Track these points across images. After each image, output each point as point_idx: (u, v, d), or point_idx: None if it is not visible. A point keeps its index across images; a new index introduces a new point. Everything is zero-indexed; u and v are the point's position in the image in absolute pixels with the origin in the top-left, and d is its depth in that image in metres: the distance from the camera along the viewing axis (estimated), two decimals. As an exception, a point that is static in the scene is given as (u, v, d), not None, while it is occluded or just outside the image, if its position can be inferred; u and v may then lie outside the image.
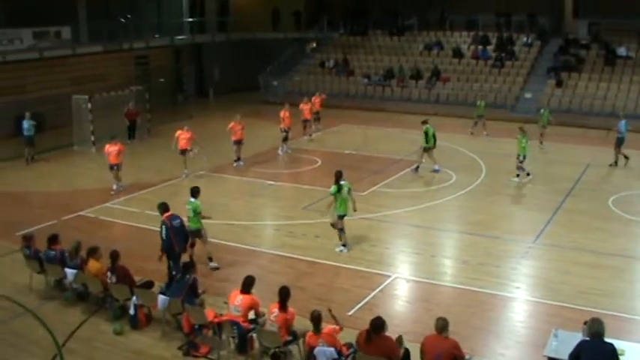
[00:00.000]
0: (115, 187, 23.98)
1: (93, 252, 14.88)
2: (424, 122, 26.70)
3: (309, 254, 17.83)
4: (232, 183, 25.46)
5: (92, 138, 30.59)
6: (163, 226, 15.45)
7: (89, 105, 30.51)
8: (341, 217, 18.00)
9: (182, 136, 25.81)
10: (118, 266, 14.38)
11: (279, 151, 29.71)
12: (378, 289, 15.70)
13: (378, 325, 10.97)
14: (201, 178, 25.31)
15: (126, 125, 32.42)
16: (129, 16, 43.70)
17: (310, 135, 32.59)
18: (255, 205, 22.76)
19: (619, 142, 26.78)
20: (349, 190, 17.97)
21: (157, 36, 44.57)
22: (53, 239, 15.79)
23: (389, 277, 16.43)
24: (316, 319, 11.40)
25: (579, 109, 36.73)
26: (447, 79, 41.81)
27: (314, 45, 51.39)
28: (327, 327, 11.49)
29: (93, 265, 14.69)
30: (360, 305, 14.79)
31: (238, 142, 27.32)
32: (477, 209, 21.93)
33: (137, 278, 14.91)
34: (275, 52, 47.50)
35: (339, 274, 16.64)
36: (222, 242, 18.75)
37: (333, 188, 17.83)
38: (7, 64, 34.27)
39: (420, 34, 47.83)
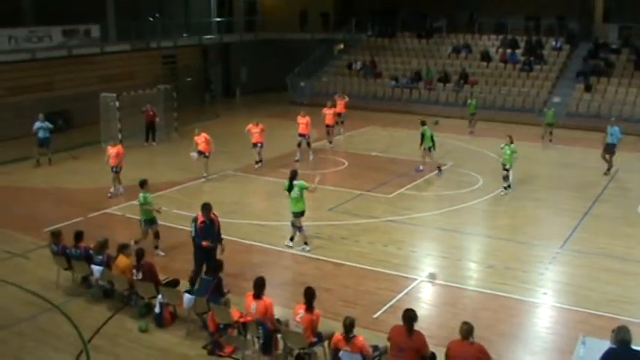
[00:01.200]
0: (112, 190, 23.71)
1: (124, 248, 15.04)
2: (423, 123, 26.82)
3: (335, 256, 17.81)
4: (259, 183, 25.51)
5: (119, 136, 30.69)
6: (193, 224, 15.48)
7: (117, 103, 30.68)
8: (296, 215, 18.16)
9: (199, 140, 25.39)
10: (144, 264, 14.46)
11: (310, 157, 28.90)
12: (403, 292, 15.64)
13: (412, 316, 11.03)
14: (228, 178, 25.40)
15: (144, 126, 32.27)
16: (157, 15, 44.04)
17: (330, 142, 31.51)
18: (282, 206, 22.67)
19: (610, 148, 26.49)
20: (301, 189, 18.06)
21: (184, 35, 44.81)
22: (78, 237, 15.91)
23: (415, 280, 16.38)
24: (349, 326, 11.29)
25: (608, 114, 36.26)
26: (475, 83, 41.57)
27: (341, 46, 51.32)
28: (358, 336, 11.40)
29: (122, 260, 14.80)
30: (385, 308, 14.75)
31: (256, 145, 26.93)
32: (504, 213, 21.83)
33: (163, 276, 14.99)
34: (302, 53, 47.51)
35: (365, 276, 16.61)
36: (249, 242, 18.82)
37: (286, 184, 18.27)
38: (36, 61, 34.66)
39: (448, 37, 47.63)
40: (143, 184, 18.28)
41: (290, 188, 18.11)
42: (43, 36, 35.20)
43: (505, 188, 23.91)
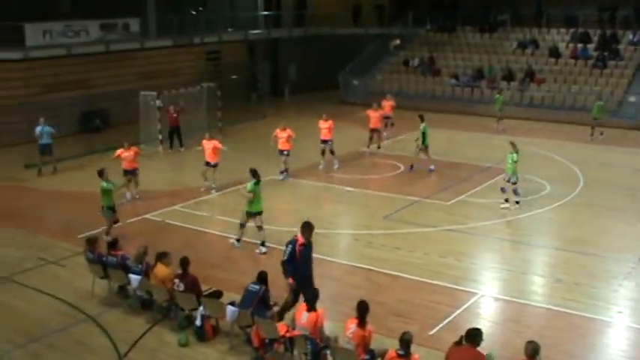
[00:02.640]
0: (128, 196, 23.85)
1: (163, 256, 15.12)
2: (422, 119, 27.19)
3: (388, 267, 17.76)
4: (308, 188, 25.57)
5: (159, 137, 31.12)
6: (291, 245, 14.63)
7: (157, 102, 31.03)
8: (253, 215, 18.87)
9: (207, 147, 24.82)
10: (187, 275, 14.54)
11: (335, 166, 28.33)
12: (462, 308, 15.53)
13: (472, 334, 10.98)
14: (274, 183, 25.51)
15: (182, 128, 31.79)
16: (200, 8, 44.45)
17: (378, 147, 31.17)
18: (332, 213, 22.82)
19: None
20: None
21: (230, 30, 45.15)
22: (114, 244, 16.11)
23: (475, 294, 16.25)
24: (405, 343, 11.22)
25: (691, 116, 35.72)
26: (542, 81, 41.09)
27: (398, 42, 51.17)
28: (414, 354, 11.33)
29: (161, 270, 14.89)
30: (442, 324, 14.65)
31: (282, 152, 26.39)
32: (574, 223, 21.51)
33: (204, 287, 15.07)
34: (355, 49, 47.53)
35: (421, 289, 16.53)
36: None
37: (252, 185, 18.84)
38: (72, 57, 35.23)
39: (513, 31, 47.17)
40: (101, 173, 20.14)
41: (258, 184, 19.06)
42: (80, 30, 35.83)
43: (517, 203, 22.73)
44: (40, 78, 34.46)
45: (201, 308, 14.06)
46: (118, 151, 24.16)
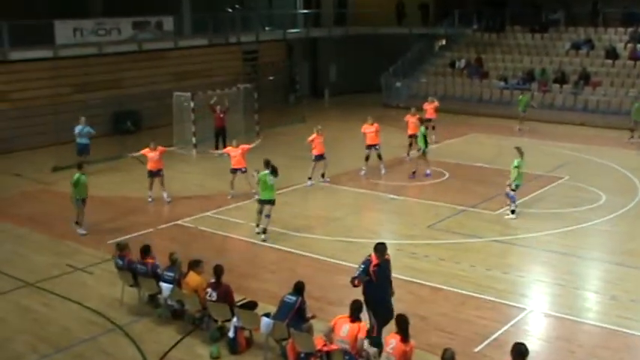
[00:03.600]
0: (150, 196, 24.74)
1: (195, 264, 15.17)
2: (422, 121, 27.78)
3: (432, 279, 17.66)
4: (350, 195, 25.56)
5: (193, 140, 31.32)
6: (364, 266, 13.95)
7: (192, 103, 31.24)
8: (262, 203, 20.53)
9: (232, 153, 25.12)
10: (221, 283, 14.57)
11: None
12: (509, 324, 15.36)
13: (523, 351, 10.84)
14: (313, 188, 25.55)
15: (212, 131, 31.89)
16: (237, 6, 44.68)
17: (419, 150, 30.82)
18: (374, 221, 22.78)
19: None
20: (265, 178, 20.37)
21: (267, 29, 45.41)
22: (146, 251, 16.19)
23: (523, 310, 16.07)
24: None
25: None
26: (598, 84, 40.68)
27: (443, 42, 51.12)
28: None
29: (193, 278, 14.94)
30: (488, 341, 14.50)
31: (319, 157, 26.40)
32: (632, 236, 21.18)
33: (238, 297, 15.10)
34: (399, 49, 47.52)
35: (465, 303, 16.41)
36: (334, 261, 18.82)
37: (262, 174, 20.55)
38: (103, 56, 35.69)
39: (566, 31, 46.78)
40: (80, 166, 21.87)
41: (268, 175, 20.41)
42: (112, 28, 36.24)
43: (512, 212, 22.66)
44: (70, 77, 34.90)
45: (234, 319, 14.06)
46: (144, 150, 24.78)
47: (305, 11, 48.74)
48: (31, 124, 32.84)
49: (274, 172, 20.48)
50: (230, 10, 43.82)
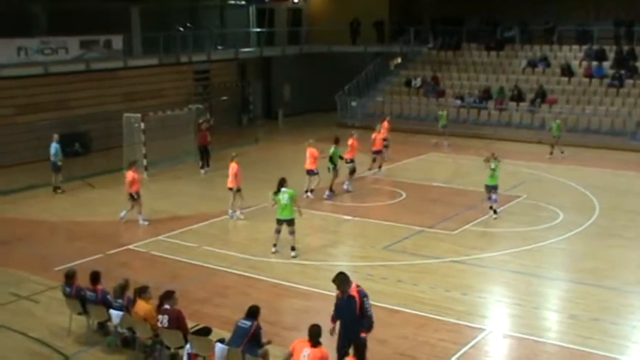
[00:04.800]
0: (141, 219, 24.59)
1: (142, 291, 14.98)
2: (337, 142, 28.23)
3: (390, 301, 17.65)
4: (305, 217, 25.38)
5: (144, 162, 31.07)
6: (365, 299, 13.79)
7: (142, 124, 31.02)
8: (279, 222, 20.90)
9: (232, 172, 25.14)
10: (171, 309, 14.43)
11: (345, 186, 28.87)
12: (469, 345, 15.43)
13: None
14: (266, 211, 25.47)
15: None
16: (188, 25, 44.55)
17: (380, 169, 31.80)
18: (330, 243, 22.76)
19: None
20: (291, 197, 20.75)
21: (219, 48, 45.33)
22: (95, 277, 15.96)
23: (483, 330, 16.15)
24: None
25: None
26: (554, 101, 41.22)
27: (399, 60, 51.44)
28: None
29: (141, 306, 14.78)
30: (448, 363, 14.56)
31: (311, 172, 27.33)
32: (590, 254, 21.44)
33: (192, 323, 14.96)
34: (354, 68, 47.74)
35: (424, 325, 16.44)
36: (292, 285, 18.78)
37: (272, 195, 21.06)
38: (50, 76, 35.27)
39: (522, 49, 47.37)
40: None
41: (277, 194, 20.76)
42: (58, 47, 35.90)
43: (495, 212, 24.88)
44: (14, 99, 34.46)
45: (187, 346, 13.93)
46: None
47: (258, 30, 48.76)
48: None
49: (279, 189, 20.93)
50: (181, 29, 43.68)
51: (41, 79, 35.11)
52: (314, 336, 12.44)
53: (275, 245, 21.14)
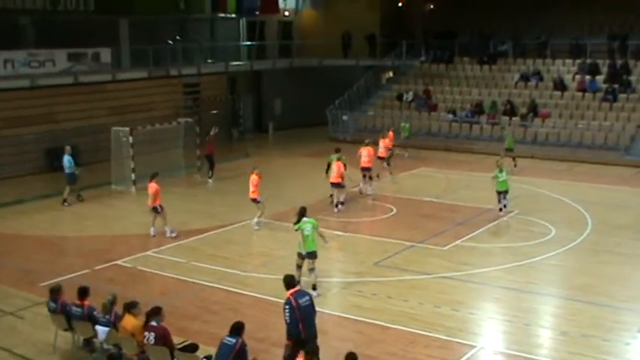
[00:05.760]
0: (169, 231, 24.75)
1: (131, 307, 14.96)
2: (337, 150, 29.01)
3: (380, 317, 17.69)
4: (296, 233, 25.47)
5: (133, 176, 31.09)
6: (287, 306, 14.43)
7: (130, 138, 31.01)
8: (301, 257, 19.14)
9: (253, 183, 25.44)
10: (156, 326, 14.43)
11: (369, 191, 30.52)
12: (460, 362, 15.49)
13: None
14: (259, 227, 25.52)
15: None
16: (178, 38, 44.58)
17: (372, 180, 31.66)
18: (320, 259, 22.52)
19: None
20: (314, 227, 19.09)
21: (209, 61, 45.34)
22: (83, 293, 15.94)
23: (473, 347, 16.19)
24: None
25: None
26: (547, 116, 41.38)
27: (390, 74, 51.58)
28: None
29: (129, 321, 14.76)
30: (438, 380, 14.61)
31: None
32: (582, 270, 21.51)
33: (179, 340, 14.97)
34: (345, 81, 47.89)
35: (415, 342, 16.46)
36: (281, 301, 18.68)
37: (296, 225, 19.26)
38: (37, 89, 35.19)
39: (515, 62, 47.56)
40: None
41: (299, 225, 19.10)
42: (45, 60, 35.79)
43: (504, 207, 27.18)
44: (0, 112, 34.36)
45: (174, 363, 13.96)
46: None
47: (248, 43, 48.84)
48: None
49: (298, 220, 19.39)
50: (171, 42, 43.68)
51: (28, 92, 35.01)
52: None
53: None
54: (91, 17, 38.37)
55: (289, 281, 14.79)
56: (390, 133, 35.03)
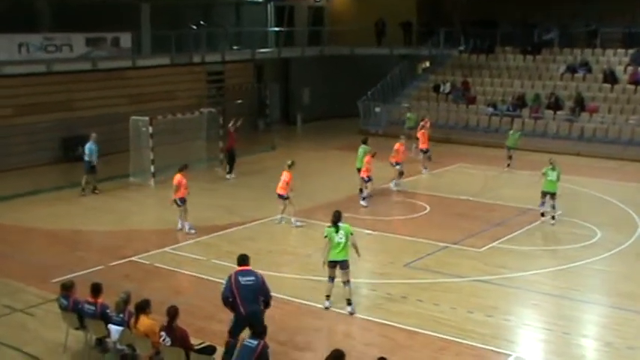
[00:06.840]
0: (181, 225, 24.88)
1: (143, 307, 15.02)
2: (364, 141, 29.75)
3: (408, 322, 17.64)
4: (322, 230, 25.45)
5: (152, 168, 31.19)
6: (225, 280, 15.64)
7: (150, 128, 31.16)
8: (332, 265, 18.25)
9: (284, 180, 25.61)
10: (175, 328, 14.47)
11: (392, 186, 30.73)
12: (493, 371, 15.44)
13: None
14: (281, 224, 25.56)
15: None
16: (202, 22, 44.67)
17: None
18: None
19: None
20: (347, 234, 18.28)
21: (235, 48, 45.44)
22: (96, 290, 16.05)
23: (508, 356, 16.10)
24: None
25: None
26: (595, 110, 41.09)
27: (427, 64, 51.47)
28: None
29: (143, 322, 14.82)
30: (470, 391, 14.58)
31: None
32: (629, 276, 21.30)
33: (196, 341, 15.03)
34: (379, 71, 47.83)
35: (445, 349, 16.41)
36: (305, 302, 18.79)
37: (326, 230, 18.44)
38: (53, 75, 35.44)
39: (561, 52, 47.30)
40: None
41: (336, 231, 18.29)
42: (62, 45, 36.03)
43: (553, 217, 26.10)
44: (14, 98, 34.70)
45: (190, 365, 14.01)
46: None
47: (276, 29, 48.92)
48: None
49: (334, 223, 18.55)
50: (194, 27, 43.85)
51: (43, 78, 35.30)
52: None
53: (329, 297, 18.46)
54: (110, 0, 38.54)
55: (240, 259, 15.80)
56: (427, 124, 35.90)
